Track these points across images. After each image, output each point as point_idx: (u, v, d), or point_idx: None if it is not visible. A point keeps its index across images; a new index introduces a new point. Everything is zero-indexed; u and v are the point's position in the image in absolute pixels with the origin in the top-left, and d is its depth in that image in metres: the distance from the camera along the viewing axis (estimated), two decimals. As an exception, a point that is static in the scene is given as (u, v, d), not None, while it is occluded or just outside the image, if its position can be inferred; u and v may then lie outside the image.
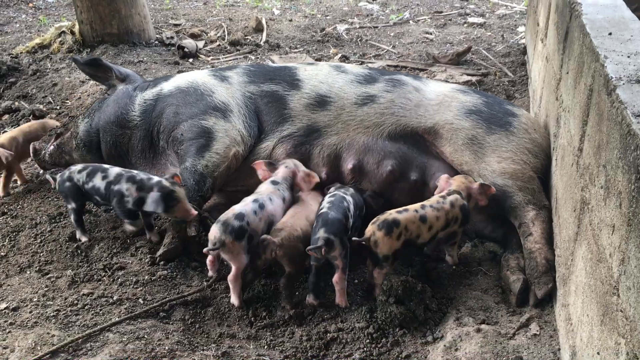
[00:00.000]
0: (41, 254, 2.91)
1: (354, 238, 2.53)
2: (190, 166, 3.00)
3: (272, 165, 2.91)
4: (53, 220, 3.17)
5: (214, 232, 2.49)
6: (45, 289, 2.66)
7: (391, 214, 2.54)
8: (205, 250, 2.54)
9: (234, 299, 2.56)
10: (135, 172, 2.93)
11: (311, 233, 2.53)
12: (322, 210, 2.58)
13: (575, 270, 2.05)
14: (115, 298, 2.60)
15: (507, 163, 2.85)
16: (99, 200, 2.94)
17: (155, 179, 2.84)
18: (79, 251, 2.92)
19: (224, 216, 2.55)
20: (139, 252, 2.90)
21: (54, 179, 2.97)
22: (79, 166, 2.98)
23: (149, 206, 2.74)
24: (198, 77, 3.35)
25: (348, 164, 3.01)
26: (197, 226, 2.89)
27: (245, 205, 2.62)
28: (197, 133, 3.08)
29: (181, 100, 3.22)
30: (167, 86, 3.34)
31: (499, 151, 2.89)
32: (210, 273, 2.69)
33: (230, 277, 2.54)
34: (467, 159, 2.91)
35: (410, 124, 3.03)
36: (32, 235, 3.06)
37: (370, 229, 2.51)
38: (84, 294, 2.61)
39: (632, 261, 1.43)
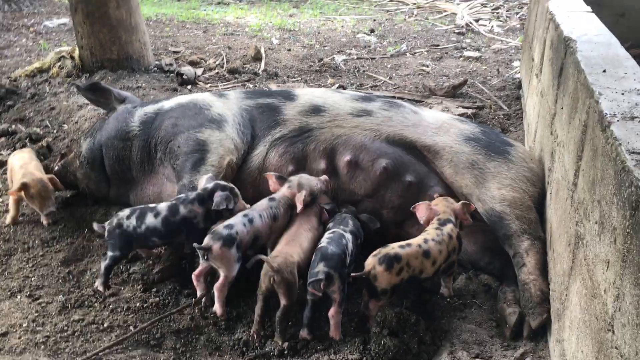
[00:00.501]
0: (32, 279, 2.88)
1: (352, 274, 2.51)
2: (187, 183, 3.03)
3: (282, 179, 2.92)
4: (45, 245, 3.15)
5: (205, 240, 2.57)
6: (36, 314, 2.63)
7: (393, 248, 2.51)
8: (195, 245, 2.56)
9: (217, 307, 2.59)
10: (181, 195, 2.86)
11: (310, 266, 2.51)
12: (321, 245, 2.58)
13: (570, 306, 2.04)
14: (106, 325, 2.57)
15: (507, 190, 2.86)
16: (157, 241, 2.77)
17: (209, 185, 2.81)
18: (70, 276, 2.90)
19: (214, 227, 2.64)
20: (131, 278, 2.88)
21: (103, 227, 2.73)
22: (126, 211, 2.77)
23: (221, 204, 2.71)
24: (199, 95, 3.50)
25: (344, 157, 3.04)
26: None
27: (235, 217, 2.69)
28: (192, 147, 3.12)
29: (180, 113, 3.31)
30: (168, 103, 3.46)
31: (499, 178, 2.91)
32: (198, 292, 2.65)
33: (217, 285, 2.57)
34: (468, 182, 2.93)
35: (409, 136, 3.08)
36: (24, 259, 3.04)
37: (370, 262, 2.48)
38: (74, 320, 2.58)
39: (627, 298, 1.42)
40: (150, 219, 2.72)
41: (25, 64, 6.17)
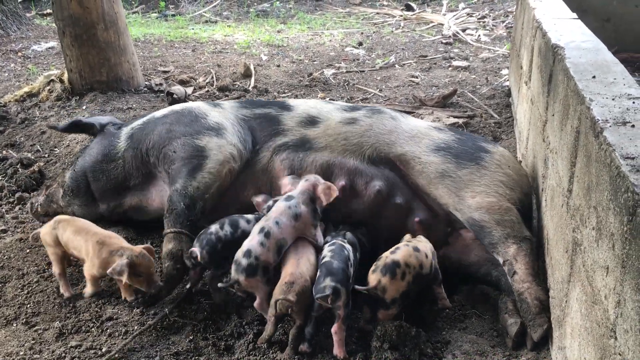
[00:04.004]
0: (28, 306, 2.85)
1: (357, 287, 2.49)
2: (180, 188, 2.96)
3: (296, 180, 2.91)
4: (41, 271, 3.11)
5: (232, 271, 2.59)
6: (32, 341, 2.59)
7: (387, 256, 2.55)
8: (220, 285, 2.60)
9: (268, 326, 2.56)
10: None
11: (315, 282, 2.50)
12: (325, 260, 2.57)
13: (570, 312, 2.03)
14: (104, 350, 2.53)
15: (482, 197, 2.83)
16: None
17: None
18: (66, 302, 2.86)
19: (236, 256, 2.61)
20: (129, 301, 2.85)
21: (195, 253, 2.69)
22: (215, 226, 2.77)
23: None
24: (192, 103, 3.46)
25: (340, 181, 3.01)
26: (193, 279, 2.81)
27: (252, 237, 2.64)
28: (190, 152, 3.07)
29: (175, 119, 3.26)
30: (159, 112, 3.43)
31: (472, 185, 2.88)
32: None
33: (256, 304, 2.60)
34: (441, 193, 2.91)
35: (383, 150, 3.08)
36: (19, 286, 3.00)
37: (374, 277, 2.49)
38: (71, 347, 2.54)
39: (629, 303, 1.42)
40: (244, 223, 2.80)
41: (14, 88, 6.15)
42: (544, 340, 2.45)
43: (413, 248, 2.59)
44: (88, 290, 2.87)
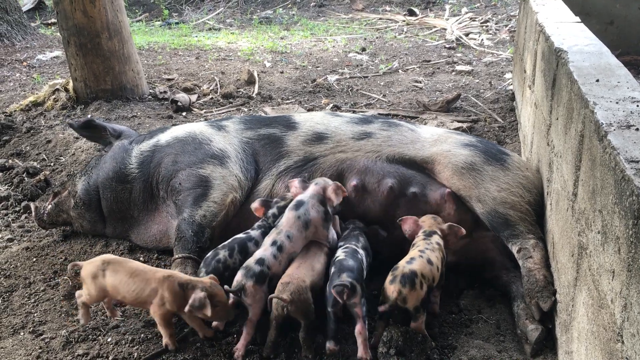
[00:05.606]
0: (35, 314, 2.86)
1: (380, 308, 2.45)
2: (188, 217, 3.00)
3: (304, 183, 2.92)
4: (47, 280, 3.13)
5: (237, 277, 2.54)
6: (39, 350, 2.59)
7: (404, 266, 2.49)
8: (226, 288, 2.53)
9: (240, 345, 2.49)
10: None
11: (329, 281, 2.52)
12: (339, 258, 2.59)
13: (577, 317, 2.03)
14: (110, 358, 2.53)
15: (507, 194, 2.89)
16: None
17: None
18: (73, 310, 2.87)
19: (247, 262, 2.59)
20: (135, 309, 2.85)
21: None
22: (223, 252, 2.72)
23: None
24: (195, 127, 3.42)
25: (351, 182, 3.03)
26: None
27: (265, 248, 2.65)
28: (194, 182, 3.09)
29: (179, 148, 3.26)
30: (164, 137, 3.39)
31: (497, 182, 2.93)
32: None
33: (247, 322, 2.52)
34: (466, 184, 2.94)
35: (408, 153, 3.11)
36: (26, 295, 3.01)
37: (393, 288, 2.42)
38: (78, 355, 2.55)
39: (635, 307, 1.42)
40: (252, 249, 2.76)
41: (19, 98, 6.19)
42: (550, 342, 2.44)
43: (427, 260, 2.55)
44: (166, 336, 2.57)
